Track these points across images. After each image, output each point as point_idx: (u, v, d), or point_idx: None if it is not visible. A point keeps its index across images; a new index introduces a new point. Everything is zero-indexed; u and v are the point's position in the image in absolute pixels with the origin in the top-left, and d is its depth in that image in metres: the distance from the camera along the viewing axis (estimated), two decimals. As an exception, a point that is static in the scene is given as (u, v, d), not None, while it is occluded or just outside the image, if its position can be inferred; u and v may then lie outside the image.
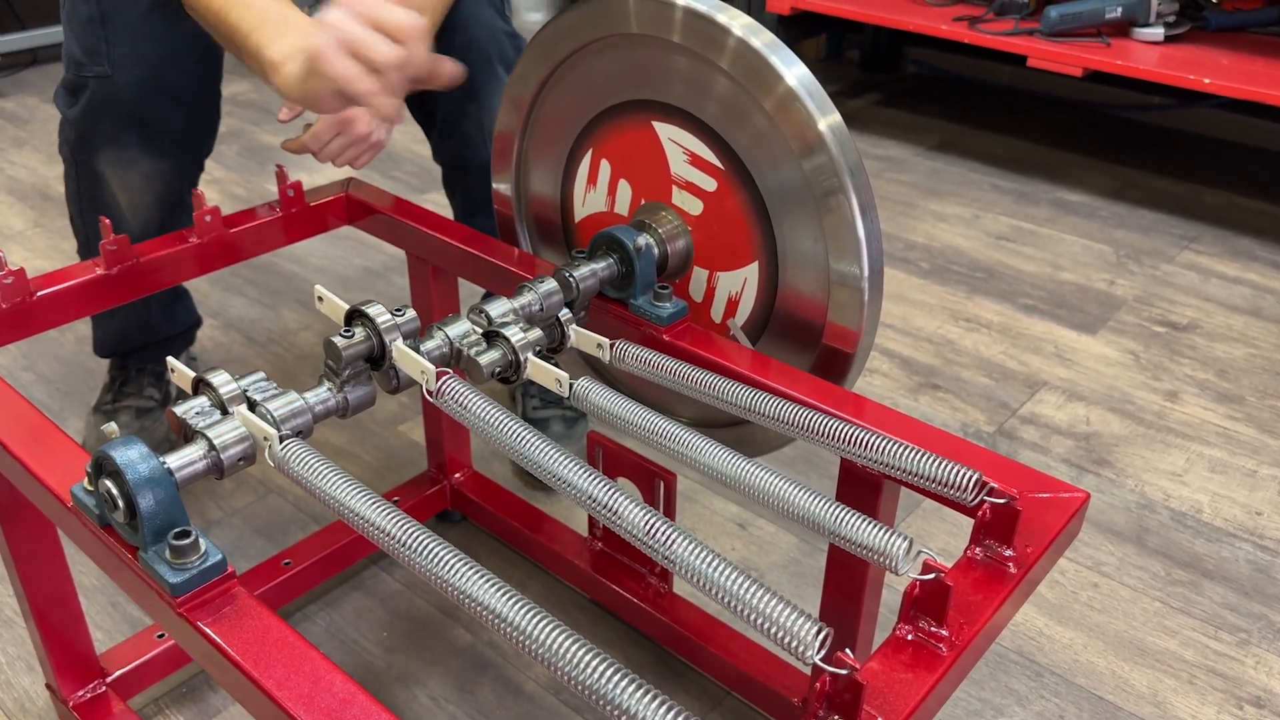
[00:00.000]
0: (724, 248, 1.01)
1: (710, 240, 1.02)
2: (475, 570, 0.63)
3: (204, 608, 0.66)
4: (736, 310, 1.01)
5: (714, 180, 0.99)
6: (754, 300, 1.00)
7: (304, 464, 0.72)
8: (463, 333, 0.88)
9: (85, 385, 1.65)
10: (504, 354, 0.86)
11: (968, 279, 1.99)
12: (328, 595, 1.25)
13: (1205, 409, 1.63)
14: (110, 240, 1.02)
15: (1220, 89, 2.05)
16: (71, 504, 0.73)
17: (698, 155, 0.99)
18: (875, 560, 0.67)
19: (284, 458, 0.73)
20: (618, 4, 0.99)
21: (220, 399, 0.76)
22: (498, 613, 0.60)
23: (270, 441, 0.73)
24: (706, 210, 1.01)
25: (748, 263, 1.01)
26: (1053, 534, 0.73)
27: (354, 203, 1.19)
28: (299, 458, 0.72)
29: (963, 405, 1.63)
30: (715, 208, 1.00)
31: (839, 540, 0.69)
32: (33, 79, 2.99)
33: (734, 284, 1.02)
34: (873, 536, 0.66)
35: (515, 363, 0.87)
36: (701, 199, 1.00)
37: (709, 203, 1.00)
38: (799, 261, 0.96)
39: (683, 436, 0.79)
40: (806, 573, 1.30)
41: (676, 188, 1.02)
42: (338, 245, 2.06)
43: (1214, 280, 2.00)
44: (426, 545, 0.65)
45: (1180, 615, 1.26)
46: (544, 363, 0.86)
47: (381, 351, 0.83)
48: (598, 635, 1.22)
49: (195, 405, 0.76)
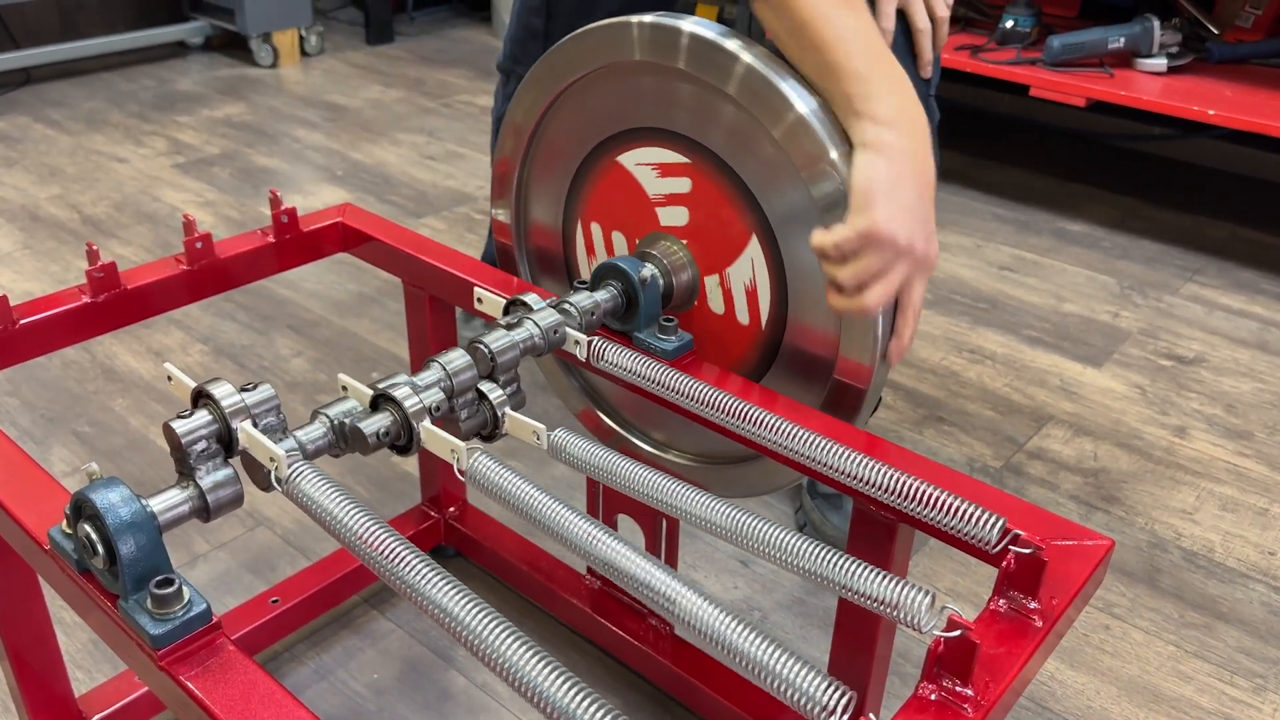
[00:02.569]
0: (720, 241, 0.98)
1: (706, 241, 0.99)
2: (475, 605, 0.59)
3: (186, 660, 0.63)
4: (759, 301, 0.97)
5: (686, 178, 0.97)
6: (769, 281, 0.96)
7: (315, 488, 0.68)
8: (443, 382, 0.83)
9: (71, 411, 1.61)
10: (484, 418, 0.83)
11: (971, 310, 1.97)
12: (316, 634, 1.21)
13: (1214, 445, 1.60)
14: (97, 267, 0.98)
15: (1224, 120, 2.03)
16: (49, 547, 0.69)
17: (664, 164, 0.98)
18: (895, 617, 0.63)
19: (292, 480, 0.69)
20: (621, 31, 0.97)
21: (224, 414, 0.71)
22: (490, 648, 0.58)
23: (278, 463, 0.69)
24: (692, 213, 0.98)
25: (745, 242, 0.97)
26: (1078, 585, 0.70)
27: (349, 229, 1.16)
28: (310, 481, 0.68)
29: (968, 439, 1.60)
30: (697, 204, 0.98)
31: (854, 596, 0.65)
32: (25, 99, 2.97)
33: (744, 272, 0.98)
34: (892, 592, 0.63)
35: (495, 419, 0.83)
36: (684, 204, 0.98)
37: (690, 203, 0.98)
38: (809, 292, 0.93)
39: (670, 487, 0.75)
40: (812, 613, 1.27)
41: (659, 208, 0.99)
42: (331, 269, 2.03)
43: (1219, 313, 1.98)
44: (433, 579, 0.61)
45: (1195, 660, 1.22)
46: (521, 417, 0.82)
47: (408, 435, 0.78)
48: (595, 677, 1.18)
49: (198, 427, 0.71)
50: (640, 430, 1.14)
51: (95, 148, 2.65)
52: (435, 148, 2.70)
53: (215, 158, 2.61)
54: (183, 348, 1.79)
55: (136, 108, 2.93)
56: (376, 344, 1.81)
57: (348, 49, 3.50)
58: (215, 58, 3.37)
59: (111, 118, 2.85)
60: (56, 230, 2.20)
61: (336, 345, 1.80)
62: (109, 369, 1.72)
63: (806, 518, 1.37)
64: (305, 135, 2.76)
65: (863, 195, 0.82)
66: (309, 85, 3.16)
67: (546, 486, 1.44)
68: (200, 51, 3.42)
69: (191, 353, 1.77)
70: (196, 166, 2.55)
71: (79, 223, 2.24)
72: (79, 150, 2.63)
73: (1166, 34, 2.21)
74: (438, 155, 2.65)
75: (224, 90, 3.09)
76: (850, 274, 0.83)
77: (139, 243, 2.16)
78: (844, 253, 0.82)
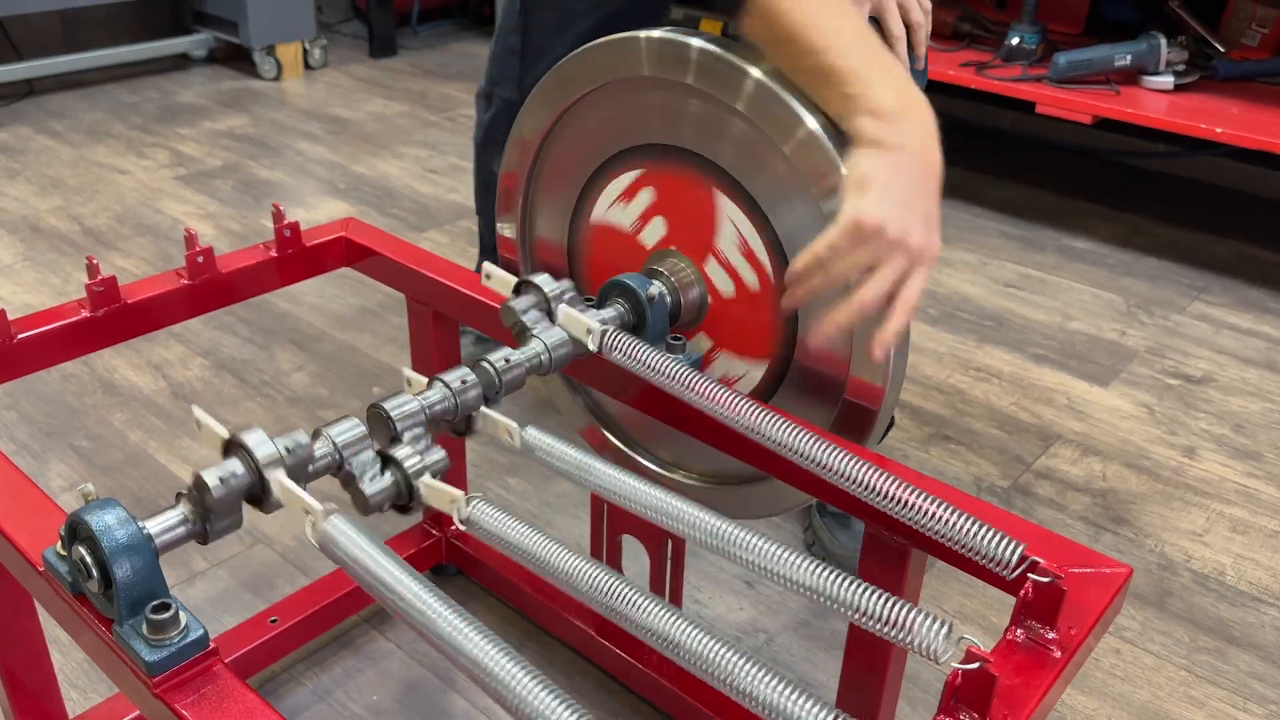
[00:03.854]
0: (739, 335, 0.97)
1: (728, 322, 0.98)
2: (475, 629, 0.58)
3: (183, 688, 0.61)
4: (757, 258, 0.95)
5: (758, 280, 0.94)
6: (749, 391, 0.96)
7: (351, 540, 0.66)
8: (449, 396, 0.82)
9: (69, 425, 1.59)
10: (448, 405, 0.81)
11: (976, 327, 1.96)
12: (316, 655, 1.20)
13: (1224, 466, 1.58)
14: (97, 281, 0.97)
15: (1231, 138, 2.02)
16: (43, 569, 0.67)
17: (751, 249, 0.94)
18: (911, 646, 0.61)
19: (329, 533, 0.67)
20: (629, 46, 0.96)
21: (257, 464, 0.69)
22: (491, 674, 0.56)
23: (315, 517, 0.67)
24: (738, 299, 0.96)
25: (757, 360, 0.97)
26: (1097, 614, 0.69)
27: (352, 244, 1.15)
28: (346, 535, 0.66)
29: (975, 458, 1.58)
30: (748, 302, 0.96)
31: (868, 623, 0.64)
32: (28, 110, 2.96)
33: (733, 370, 0.98)
34: (908, 620, 0.61)
35: (468, 419, 0.82)
36: (736, 285, 0.96)
37: (742, 295, 0.96)
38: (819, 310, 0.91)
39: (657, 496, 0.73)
40: (818, 635, 1.25)
41: (715, 261, 0.97)
42: (333, 283, 2.02)
43: (1226, 332, 1.97)
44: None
45: (1207, 685, 1.21)
46: (494, 414, 0.81)
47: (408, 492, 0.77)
48: (599, 702, 1.16)
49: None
50: (646, 449, 1.13)
51: (97, 159, 2.64)
52: (438, 161, 2.69)
53: (217, 170, 2.60)
54: (183, 361, 1.77)
55: (139, 120, 2.92)
56: (378, 359, 1.80)
57: (351, 62, 3.50)
58: (218, 70, 3.37)
59: (114, 129, 2.84)
60: (57, 242, 2.19)
61: (338, 360, 1.79)
62: (108, 382, 1.70)
63: (815, 536, 1.36)
64: (308, 148, 2.75)
65: (854, 187, 0.79)
66: (312, 98, 3.15)
67: (550, 505, 1.44)
68: (203, 64, 3.42)
69: (192, 367, 1.76)
70: (198, 179, 2.54)
71: (80, 234, 2.23)
72: (81, 162, 2.62)
73: (1173, 51, 2.20)
74: (440, 169, 2.64)
75: (227, 103, 3.09)
76: (840, 270, 0.80)
77: (140, 255, 2.15)
78: (836, 250, 0.79)
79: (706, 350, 1.00)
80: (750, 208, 0.93)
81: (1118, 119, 2.15)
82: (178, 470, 1.50)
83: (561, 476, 0.80)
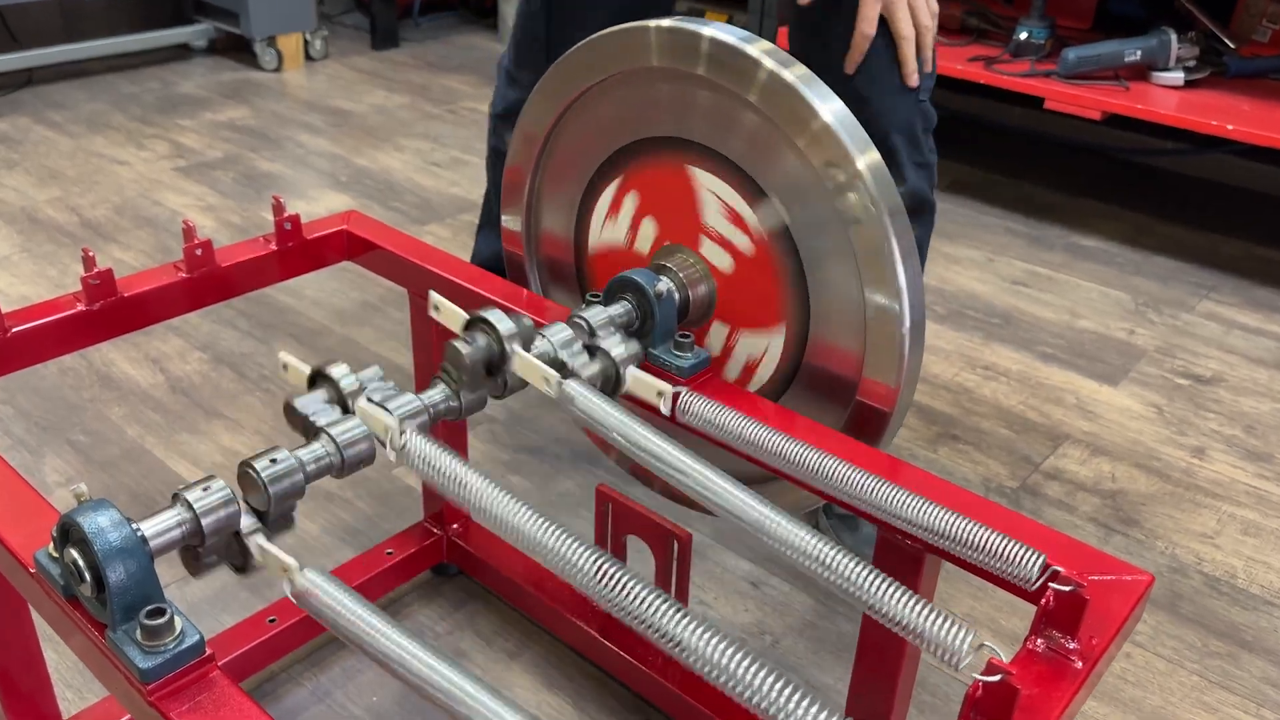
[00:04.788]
0: (750, 308, 0.95)
1: (736, 298, 0.96)
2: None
3: (177, 696, 0.59)
4: (753, 375, 0.95)
5: (750, 242, 0.92)
6: (774, 368, 0.94)
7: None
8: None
9: (67, 421, 1.57)
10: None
11: (984, 325, 1.93)
12: (315, 655, 1.18)
13: (1234, 467, 1.56)
14: (93, 274, 0.95)
15: (1243, 135, 2.00)
16: (34, 570, 0.66)
17: (736, 212, 0.92)
18: (931, 652, 0.60)
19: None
20: (637, 36, 0.94)
21: None
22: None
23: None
24: (738, 269, 0.94)
25: (773, 326, 0.94)
26: (1119, 623, 0.67)
27: (354, 237, 1.13)
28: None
29: (983, 458, 1.56)
30: (748, 269, 0.94)
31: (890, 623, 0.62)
32: (27, 100, 2.94)
33: (755, 347, 0.96)
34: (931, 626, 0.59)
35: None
36: (733, 257, 0.94)
37: (741, 263, 0.94)
38: (832, 310, 0.90)
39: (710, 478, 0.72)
40: (825, 638, 1.23)
41: (707, 239, 0.95)
42: (334, 277, 2.00)
43: (1236, 331, 1.94)
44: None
45: (1219, 690, 1.19)
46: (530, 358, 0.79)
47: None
48: (603, 705, 1.14)
49: None
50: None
51: (96, 150, 2.62)
52: (440, 154, 2.67)
53: (218, 162, 2.57)
54: (181, 355, 1.75)
55: (139, 110, 2.90)
56: (380, 353, 1.78)
57: (352, 54, 3.47)
58: (219, 61, 3.34)
59: (113, 120, 2.82)
60: (55, 233, 2.17)
61: (339, 354, 1.77)
62: (105, 376, 1.68)
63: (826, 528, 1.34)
64: (309, 140, 2.73)
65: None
66: (313, 90, 3.13)
67: (552, 503, 1.42)
68: (204, 54, 3.39)
69: (190, 360, 1.74)
70: (198, 170, 2.52)
71: (78, 226, 2.21)
72: (80, 152, 2.60)
73: (1184, 47, 2.18)
74: (442, 162, 2.62)
75: (227, 94, 3.06)
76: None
77: (139, 247, 2.13)
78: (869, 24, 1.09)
79: (726, 336, 0.98)
80: (728, 170, 0.91)
81: (1128, 115, 2.13)
82: (176, 466, 1.48)
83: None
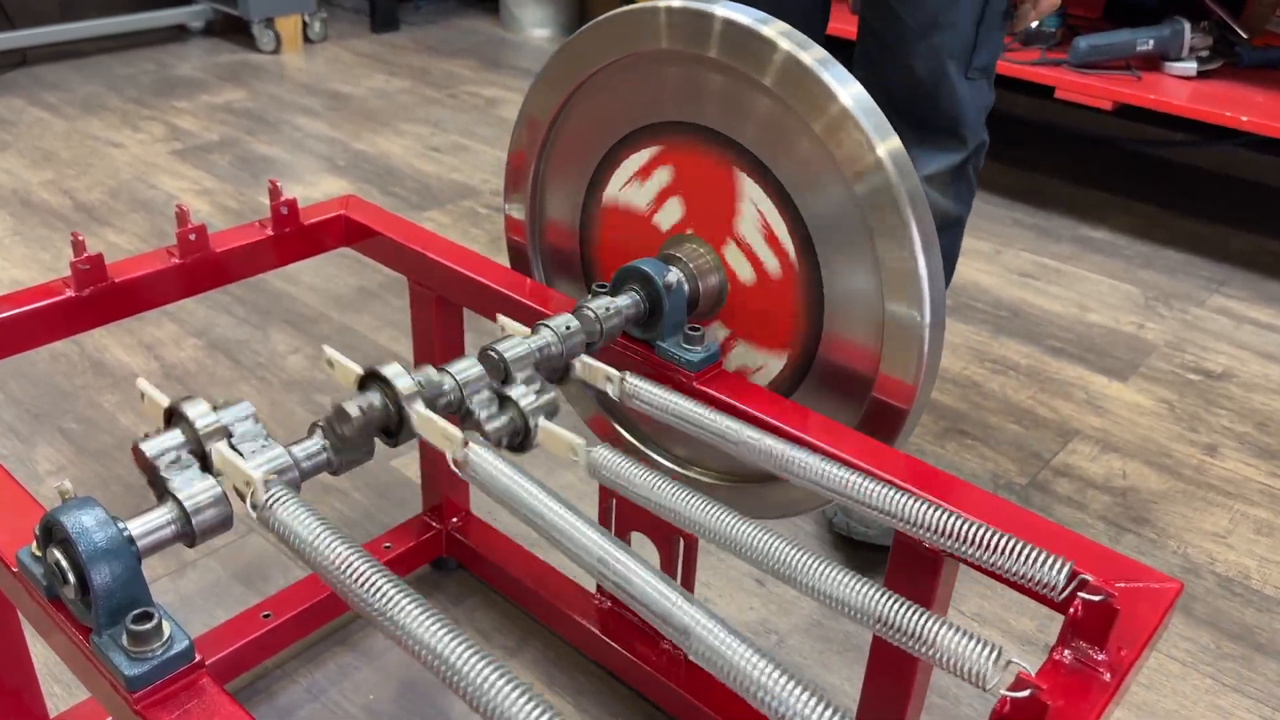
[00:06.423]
0: (760, 326, 0.92)
1: (749, 310, 0.93)
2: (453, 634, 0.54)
3: (165, 704, 0.56)
4: (780, 243, 0.90)
5: (779, 266, 0.89)
6: (765, 384, 0.91)
7: (292, 516, 0.61)
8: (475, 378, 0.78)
9: (58, 408, 1.54)
10: (512, 420, 0.77)
11: (992, 318, 1.91)
12: (310, 651, 1.15)
13: (1246, 465, 1.53)
14: (82, 259, 0.92)
15: (1256, 127, 1.97)
16: (16, 569, 0.63)
17: (774, 233, 0.89)
18: (956, 670, 0.57)
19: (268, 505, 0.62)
20: (647, 17, 0.90)
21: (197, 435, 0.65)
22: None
23: (254, 488, 0.63)
24: (758, 286, 0.91)
25: (776, 351, 0.92)
26: (1148, 633, 0.64)
27: (352, 223, 1.09)
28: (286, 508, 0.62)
29: (992, 454, 1.53)
30: (769, 289, 0.90)
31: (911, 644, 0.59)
32: (21, 80, 2.89)
33: (752, 360, 0.93)
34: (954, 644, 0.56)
35: (525, 429, 0.77)
36: (757, 273, 0.91)
37: (763, 281, 0.91)
38: (848, 302, 0.87)
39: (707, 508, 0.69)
40: (832, 637, 1.20)
41: (735, 244, 0.92)
42: (331, 262, 1.97)
43: (1247, 326, 1.92)
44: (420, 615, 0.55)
45: (1233, 693, 1.16)
46: (555, 428, 0.76)
47: (399, 420, 0.72)
48: (602, 702, 1.11)
49: (168, 443, 0.65)
50: (660, 445, 1.08)
51: (91, 132, 2.58)
52: (440, 139, 2.63)
53: (214, 145, 2.54)
54: (175, 341, 1.72)
55: (134, 92, 2.86)
56: (378, 341, 1.75)
57: (352, 37, 3.43)
58: (216, 43, 3.30)
59: (109, 102, 2.78)
60: (48, 216, 2.14)
61: (335, 342, 1.74)
62: (98, 362, 1.65)
63: (838, 508, 1.30)
64: (307, 124, 2.69)
65: None
66: (311, 73, 3.09)
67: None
68: (201, 36, 3.35)
69: (185, 347, 1.71)
70: (195, 153, 2.48)
71: (72, 209, 2.18)
72: (74, 134, 2.56)
73: (1197, 37, 2.15)
74: (442, 147, 2.58)
75: (224, 76, 3.02)
76: None
77: (133, 231, 2.09)
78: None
79: (724, 338, 0.95)
80: (775, 192, 0.88)
81: (1139, 105, 2.09)
82: (169, 455, 1.45)
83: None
